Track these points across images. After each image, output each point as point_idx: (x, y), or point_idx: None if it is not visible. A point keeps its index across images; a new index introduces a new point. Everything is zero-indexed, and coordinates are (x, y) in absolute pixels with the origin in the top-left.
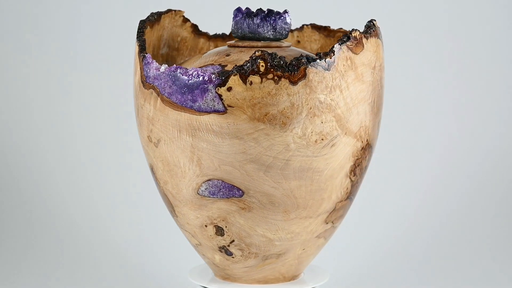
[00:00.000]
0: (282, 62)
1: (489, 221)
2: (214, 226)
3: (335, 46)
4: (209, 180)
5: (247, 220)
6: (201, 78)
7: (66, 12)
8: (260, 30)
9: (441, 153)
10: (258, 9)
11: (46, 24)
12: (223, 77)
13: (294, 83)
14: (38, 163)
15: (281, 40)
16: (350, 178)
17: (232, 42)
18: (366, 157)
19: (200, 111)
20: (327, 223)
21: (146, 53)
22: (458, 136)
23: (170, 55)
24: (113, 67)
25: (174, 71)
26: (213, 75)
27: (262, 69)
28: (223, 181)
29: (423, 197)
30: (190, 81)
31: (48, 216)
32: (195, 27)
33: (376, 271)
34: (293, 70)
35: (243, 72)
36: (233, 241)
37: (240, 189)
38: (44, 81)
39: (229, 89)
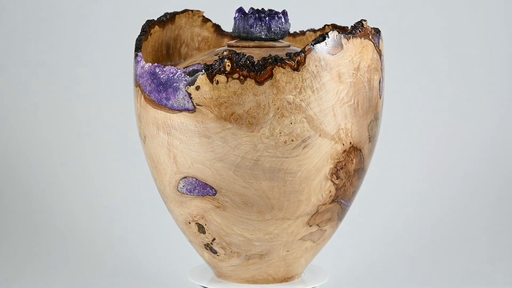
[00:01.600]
0: (248, 62)
1: (487, 221)
2: (196, 223)
3: (306, 46)
4: (185, 177)
5: (224, 219)
6: (172, 76)
7: (75, 11)
8: (252, 30)
9: (438, 153)
10: (254, 9)
11: (54, 23)
12: (192, 76)
13: (260, 83)
14: (40, 163)
15: (280, 40)
16: (332, 181)
17: (232, 42)
18: (352, 160)
19: (173, 109)
20: (310, 226)
21: (138, 52)
22: (455, 136)
23: (190, 54)
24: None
25: (153, 69)
26: (183, 74)
27: (228, 68)
28: (197, 179)
29: (422, 197)
30: (164, 79)
31: (49, 216)
32: (217, 27)
33: (375, 271)
34: (259, 70)
35: (210, 72)
36: (214, 239)
37: (213, 188)
38: (46, 81)
39: (198, 88)
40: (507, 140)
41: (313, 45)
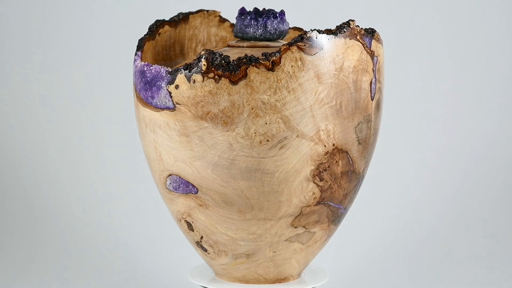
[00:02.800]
0: (223, 62)
1: (486, 221)
2: (185, 221)
3: (282, 46)
4: (170, 175)
5: (207, 218)
6: (156, 75)
7: (81, 11)
8: (247, 30)
9: (437, 154)
10: (253, 9)
11: (58, 22)
12: (172, 75)
13: (234, 82)
14: (41, 162)
15: (278, 40)
16: (315, 182)
17: (233, 42)
18: (338, 162)
19: (157, 107)
20: (295, 227)
21: (138, 51)
22: (454, 137)
23: None
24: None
25: (142, 68)
26: (165, 73)
27: (204, 68)
28: (180, 177)
29: (422, 197)
30: (150, 78)
31: (49, 216)
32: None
33: (375, 272)
34: (233, 69)
35: (188, 71)
36: (202, 237)
37: (195, 186)
38: (47, 81)
39: (177, 87)
40: (507, 140)
41: (289, 45)
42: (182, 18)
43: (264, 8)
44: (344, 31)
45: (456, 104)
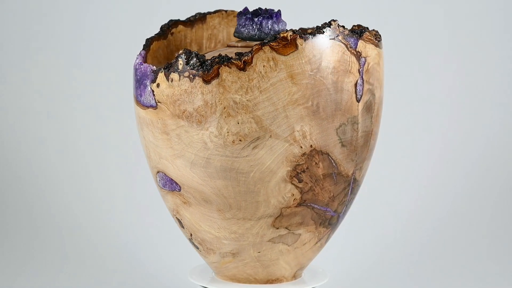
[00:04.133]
0: (197, 61)
1: (487, 222)
2: (176, 218)
3: (254, 46)
4: (158, 172)
5: (191, 215)
6: (144, 73)
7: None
8: (243, 30)
9: (437, 154)
10: (248, 9)
11: (68, 21)
12: (155, 74)
13: (207, 82)
14: (41, 162)
15: None
16: (293, 184)
17: (233, 42)
18: (318, 164)
19: (144, 105)
20: (277, 228)
21: (142, 51)
22: (454, 136)
23: None
24: None
25: (135, 66)
26: (150, 71)
27: (180, 67)
28: (165, 174)
29: (422, 198)
30: (139, 76)
31: (49, 216)
32: None
33: (375, 272)
34: (207, 69)
35: (167, 70)
36: (191, 234)
37: (178, 184)
38: (48, 81)
39: (158, 85)
40: (507, 140)
41: (262, 45)
42: (199, 18)
43: (259, 8)
44: (323, 31)
45: (457, 104)
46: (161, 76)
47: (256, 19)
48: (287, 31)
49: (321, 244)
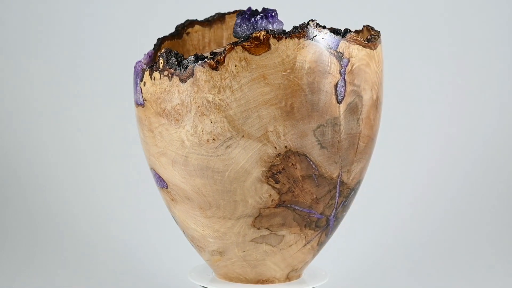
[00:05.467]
0: (175, 60)
1: (487, 222)
2: (171, 214)
3: (227, 45)
4: (151, 168)
5: (180, 212)
6: (137, 72)
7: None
8: (237, 29)
9: (438, 155)
10: (252, 9)
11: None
12: (142, 72)
13: (183, 81)
14: (41, 162)
15: None
16: (269, 184)
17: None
18: (295, 165)
19: (137, 103)
20: (258, 229)
21: (150, 50)
22: (454, 136)
23: None
24: None
25: (134, 65)
26: (140, 69)
27: (161, 66)
28: (155, 171)
29: (422, 198)
30: (135, 75)
31: (49, 217)
32: None
33: (375, 272)
34: (183, 68)
35: (151, 68)
36: (183, 231)
37: (165, 181)
38: (51, 80)
39: (144, 83)
40: (507, 140)
41: (234, 45)
42: (217, 18)
43: (265, 8)
44: (299, 31)
45: (456, 104)
46: (146, 74)
47: (252, 19)
48: (260, 31)
49: (312, 246)
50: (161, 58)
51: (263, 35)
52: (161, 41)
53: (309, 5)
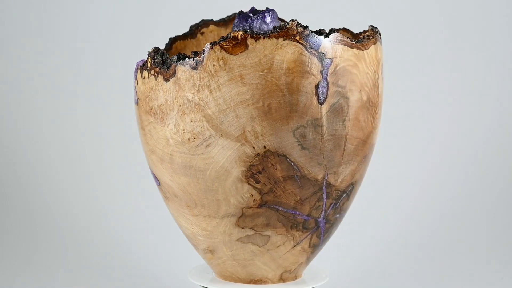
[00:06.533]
0: (160, 59)
1: (487, 222)
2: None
3: (206, 45)
4: (149, 166)
5: (172, 210)
6: (135, 70)
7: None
8: (235, 29)
9: (437, 155)
10: (256, 9)
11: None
12: (136, 71)
13: (166, 80)
14: (41, 162)
15: None
16: (250, 184)
17: None
18: (275, 166)
19: (135, 101)
20: (243, 228)
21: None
22: (454, 136)
23: None
24: None
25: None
26: (136, 68)
27: (149, 65)
28: (151, 169)
29: (422, 198)
30: (134, 74)
31: (49, 217)
32: None
33: (375, 272)
34: (166, 67)
35: (142, 67)
36: (180, 228)
37: (157, 179)
38: (52, 80)
39: (137, 82)
40: (507, 140)
41: (212, 45)
42: (233, 18)
43: (266, 8)
44: (278, 31)
45: (456, 104)
46: (138, 73)
47: (249, 19)
48: (238, 30)
49: (302, 248)
50: (149, 57)
51: (240, 34)
52: (172, 41)
53: (317, 6)
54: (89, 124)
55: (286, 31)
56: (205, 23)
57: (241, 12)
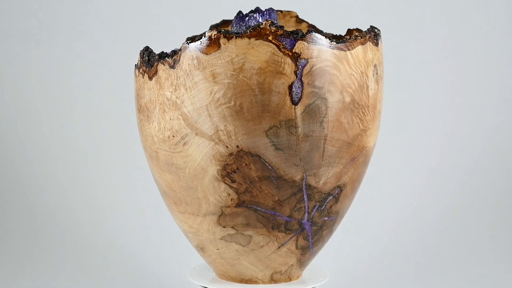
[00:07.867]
0: (146, 58)
1: (486, 221)
2: None
3: (182, 44)
4: None
5: (167, 207)
6: None
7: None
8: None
9: (437, 155)
10: (261, 9)
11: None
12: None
13: (150, 78)
14: (41, 163)
15: None
16: (226, 183)
17: None
18: (249, 165)
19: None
20: (224, 227)
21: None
22: (454, 136)
23: None
24: None
25: None
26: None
27: (139, 63)
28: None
29: (422, 198)
30: None
31: (50, 216)
32: (313, 27)
33: (375, 272)
34: (150, 65)
35: (136, 65)
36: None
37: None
38: (54, 80)
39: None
40: (507, 140)
41: (188, 44)
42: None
43: (270, 7)
44: (250, 31)
45: (456, 104)
46: (133, 72)
47: (247, 18)
48: (211, 30)
49: (289, 249)
50: (139, 56)
51: (214, 34)
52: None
53: (325, 6)
54: (89, 124)
55: (259, 31)
56: (225, 23)
57: (239, 12)
